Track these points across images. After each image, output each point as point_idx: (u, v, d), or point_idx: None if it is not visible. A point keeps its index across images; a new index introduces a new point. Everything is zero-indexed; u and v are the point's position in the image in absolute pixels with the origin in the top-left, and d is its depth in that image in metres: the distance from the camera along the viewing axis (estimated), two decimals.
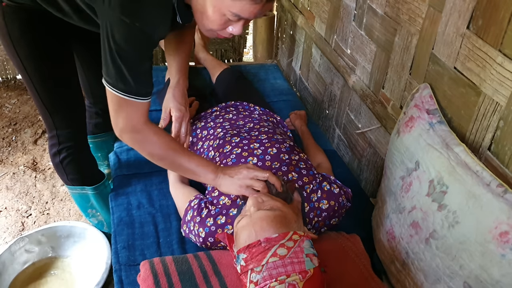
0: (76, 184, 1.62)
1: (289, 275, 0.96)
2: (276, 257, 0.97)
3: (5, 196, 2.13)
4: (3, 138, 2.49)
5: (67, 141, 1.52)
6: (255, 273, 0.97)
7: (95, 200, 1.68)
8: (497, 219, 0.93)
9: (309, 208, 1.27)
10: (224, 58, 3.18)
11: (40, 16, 1.29)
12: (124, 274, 1.28)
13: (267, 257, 0.97)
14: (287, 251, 0.98)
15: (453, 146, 1.11)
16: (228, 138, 1.45)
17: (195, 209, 1.29)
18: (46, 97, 1.43)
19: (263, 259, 0.98)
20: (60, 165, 1.55)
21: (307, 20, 2.25)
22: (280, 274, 0.96)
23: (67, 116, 1.49)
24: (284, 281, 0.95)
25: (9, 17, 1.29)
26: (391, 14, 1.48)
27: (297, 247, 0.99)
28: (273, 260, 0.97)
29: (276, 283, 0.95)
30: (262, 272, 0.97)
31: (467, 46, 1.14)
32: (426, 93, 1.27)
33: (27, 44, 1.33)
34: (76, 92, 1.51)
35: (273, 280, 0.95)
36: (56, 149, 1.52)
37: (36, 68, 1.37)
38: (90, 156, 1.64)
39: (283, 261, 0.97)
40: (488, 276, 0.95)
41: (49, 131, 1.51)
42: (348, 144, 1.92)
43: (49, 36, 1.35)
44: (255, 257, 0.99)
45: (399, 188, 1.27)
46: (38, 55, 1.36)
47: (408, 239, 1.20)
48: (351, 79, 1.80)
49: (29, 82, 1.40)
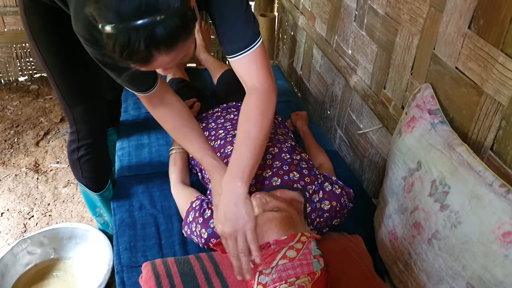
0: (90, 184, 1.61)
1: (298, 277, 0.96)
2: (286, 259, 0.97)
3: (7, 198, 2.13)
4: (5, 140, 2.49)
5: (87, 137, 1.51)
6: (264, 275, 0.97)
7: (101, 202, 1.69)
8: (500, 219, 0.92)
9: (311, 208, 1.27)
10: (225, 59, 3.18)
11: (57, 11, 1.30)
12: (126, 275, 1.28)
13: (277, 259, 0.97)
14: (296, 253, 0.98)
15: (455, 146, 1.11)
16: (229, 138, 1.45)
17: (196, 210, 1.29)
18: (65, 90, 1.43)
19: (272, 261, 0.97)
20: (78, 162, 1.56)
21: (308, 21, 2.25)
22: (290, 276, 0.96)
23: (87, 109, 1.48)
24: (293, 283, 0.95)
25: (29, 11, 1.31)
26: (392, 14, 1.48)
27: (305, 249, 1.00)
28: (283, 262, 0.97)
29: (286, 285, 0.95)
30: (272, 274, 0.96)
31: (469, 46, 1.14)
32: (427, 93, 1.27)
33: (46, 37, 1.34)
34: (96, 84, 1.50)
35: (283, 282, 0.95)
36: (75, 146, 1.52)
37: (55, 61, 1.38)
38: (108, 158, 1.65)
39: (292, 263, 0.97)
40: (491, 276, 0.94)
41: (70, 127, 1.52)
42: (349, 145, 1.92)
43: (66, 28, 1.36)
44: (264, 259, 0.98)
45: (401, 188, 1.26)
46: (57, 47, 1.37)
47: (410, 239, 1.19)
48: (352, 80, 1.80)
49: (50, 77, 1.41)
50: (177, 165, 1.54)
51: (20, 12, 1.33)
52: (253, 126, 1.17)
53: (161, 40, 0.86)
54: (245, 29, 1.14)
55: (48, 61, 1.38)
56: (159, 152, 1.76)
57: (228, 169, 1.16)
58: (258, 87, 1.18)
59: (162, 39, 0.86)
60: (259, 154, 1.18)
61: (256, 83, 1.18)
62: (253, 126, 1.17)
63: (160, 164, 1.69)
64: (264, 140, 1.19)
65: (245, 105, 1.20)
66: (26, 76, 3.00)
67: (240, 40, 1.14)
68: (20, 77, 2.99)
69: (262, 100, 1.18)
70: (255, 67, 1.17)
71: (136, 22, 0.82)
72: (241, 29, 1.14)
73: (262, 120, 1.17)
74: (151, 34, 0.84)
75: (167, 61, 0.92)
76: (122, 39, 0.84)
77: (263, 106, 1.18)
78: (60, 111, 2.73)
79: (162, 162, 1.68)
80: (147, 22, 0.83)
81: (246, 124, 1.19)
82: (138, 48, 0.85)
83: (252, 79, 1.18)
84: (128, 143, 1.81)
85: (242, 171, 1.13)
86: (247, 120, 1.19)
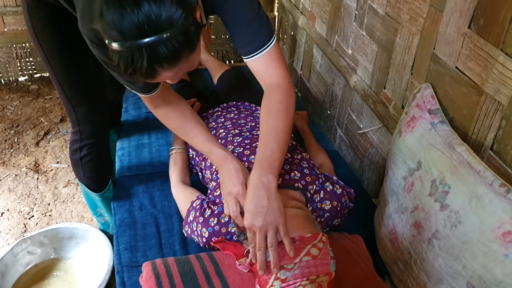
0: (91, 184, 1.62)
1: (318, 275, 0.97)
2: (309, 257, 0.97)
3: (7, 198, 2.13)
4: (5, 140, 2.49)
5: (89, 137, 1.52)
6: (284, 270, 0.97)
7: (101, 202, 1.69)
8: (500, 219, 0.92)
9: (312, 208, 1.27)
10: (226, 59, 3.18)
11: (61, 11, 1.31)
12: (126, 275, 1.28)
13: (301, 255, 0.97)
14: (319, 252, 0.99)
15: (455, 146, 1.11)
16: (230, 138, 1.45)
17: (197, 210, 1.29)
18: (69, 90, 1.43)
19: (296, 257, 0.97)
20: (80, 162, 1.56)
21: (308, 21, 2.25)
22: (311, 274, 0.96)
23: (90, 109, 1.48)
24: (314, 280, 0.96)
25: (33, 10, 1.32)
26: (392, 14, 1.48)
27: (325, 249, 1.00)
28: (306, 259, 0.97)
29: (307, 282, 0.95)
30: (294, 270, 0.96)
31: (469, 46, 1.14)
32: (427, 93, 1.27)
33: (50, 36, 1.35)
34: (99, 84, 1.51)
35: (304, 279, 0.95)
36: (78, 146, 1.53)
37: (59, 61, 1.38)
38: (110, 158, 1.65)
39: (315, 261, 0.97)
40: (491, 276, 0.94)
41: (73, 127, 1.52)
42: (350, 145, 1.92)
43: (70, 28, 1.36)
44: (287, 254, 0.98)
45: (401, 188, 1.26)
46: (61, 47, 1.37)
47: (410, 239, 1.19)
48: (352, 79, 1.80)
49: (53, 76, 1.41)
50: (177, 165, 1.54)
51: (23, 11, 1.33)
52: (280, 120, 1.18)
53: (163, 57, 0.88)
54: (260, 30, 1.16)
55: (51, 61, 1.38)
56: (160, 152, 1.76)
57: (257, 164, 1.14)
58: (279, 83, 1.21)
59: (164, 57, 0.88)
60: (286, 148, 1.20)
61: (277, 79, 1.21)
62: (280, 121, 1.18)
63: (160, 164, 1.69)
64: (289, 134, 1.21)
65: (268, 102, 1.22)
66: (26, 76, 3.00)
67: (255, 41, 1.16)
68: (20, 77, 2.99)
69: (285, 96, 1.21)
70: (273, 65, 1.20)
71: (139, 41, 0.85)
72: (256, 31, 1.16)
73: (287, 114, 1.20)
74: (154, 53, 0.86)
75: (170, 75, 0.95)
76: (126, 56, 0.87)
77: (287, 101, 1.20)
78: (60, 111, 2.73)
79: (163, 162, 1.69)
80: (150, 41, 0.85)
81: (272, 119, 1.19)
82: (141, 65, 0.88)
83: (272, 77, 1.21)
84: (129, 143, 1.81)
85: (272, 165, 1.12)
86: (273, 115, 1.20)
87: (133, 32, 0.84)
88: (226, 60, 3.18)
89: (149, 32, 0.84)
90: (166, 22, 0.85)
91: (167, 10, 0.85)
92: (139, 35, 0.84)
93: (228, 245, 1.20)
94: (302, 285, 0.95)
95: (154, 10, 0.83)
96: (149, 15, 0.83)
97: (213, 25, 3.05)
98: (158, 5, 0.84)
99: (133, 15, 0.83)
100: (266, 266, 1.02)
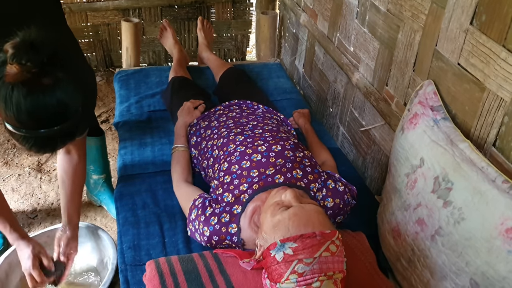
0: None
1: (335, 272, 0.97)
2: (328, 253, 0.98)
3: (10, 197, 2.14)
4: (8, 140, 2.50)
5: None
6: (303, 264, 0.97)
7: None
8: (503, 215, 0.92)
9: None
10: (227, 57, 3.18)
11: None
12: (130, 274, 1.28)
13: (321, 250, 0.97)
14: (336, 249, 0.99)
15: (458, 143, 1.10)
16: (232, 137, 1.45)
17: (199, 208, 1.29)
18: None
19: (316, 251, 0.97)
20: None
21: (310, 18, 2.25)
22: (329, 270, 0.97)
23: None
24: (331, 277, 0.96)
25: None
26: (393, 11, 1.48)
27: (341, 247, 1.01)
28: (325, 254, 0.97)
29: (324, 277, 0.96)
30: (312, 265, 0.96)
31: (471, 42, 1.14)
32: (430, 90, 1.27)
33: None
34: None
35: (322, 274, 0.96)
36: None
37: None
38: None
39: (333, 258, 0.98)
40: (494, 272, 0.94)
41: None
42: (352, 142, 1.92)
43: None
44: (308, 248, 0.98)
45: (404, 185, 1.26)
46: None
47: (413, 236, 1.19)
48: (354, 77, 1.80)
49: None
50: (179, 163, 1.54)
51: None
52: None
53: (50, 146, 1.06)
54: None
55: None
56: (162, 151, 1.76)
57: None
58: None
59: (51, 146, 1.06)
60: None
61: None
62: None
63: (163, 163, 1.69)
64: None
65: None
66: None
67: None
68: None
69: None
70: None
71: (28, 130, 0.99)
72: None
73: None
74: (41, 142, 1.03)
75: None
76: (19, 139, 1.02)
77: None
78: None
79: (165, 161, 1.69)
80: (43, 132, 1.00)
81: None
82: (32, 149, 1.04)
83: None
84: (131, 142, 1.81)
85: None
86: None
87: (30, 124, 0.99)
88: (227, 58, 3.18)
89: (43, 124, 1.00)
90: (57, 119, 1.00)
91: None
92: (33, 126, 0.99)
93: (230, 251, 1.21)
94: (320, 280, 0.95)
95: (49, 108, 0.98)
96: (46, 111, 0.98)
97: (215, 23, 3.05)
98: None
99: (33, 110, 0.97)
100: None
